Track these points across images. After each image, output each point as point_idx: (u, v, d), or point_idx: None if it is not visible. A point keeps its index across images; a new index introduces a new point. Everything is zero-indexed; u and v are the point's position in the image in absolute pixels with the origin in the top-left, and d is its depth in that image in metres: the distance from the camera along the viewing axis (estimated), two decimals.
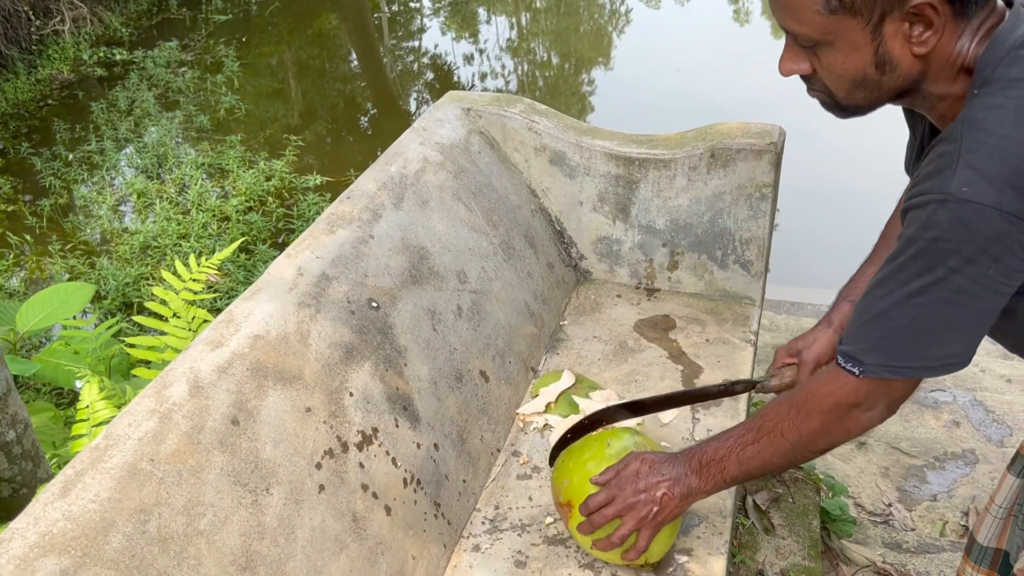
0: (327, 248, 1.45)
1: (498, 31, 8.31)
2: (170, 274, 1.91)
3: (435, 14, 8.91)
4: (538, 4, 9.04)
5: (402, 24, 8.68)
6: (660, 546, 1.28)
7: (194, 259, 1.98)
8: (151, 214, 4.33)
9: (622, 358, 1.79)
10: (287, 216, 4.31)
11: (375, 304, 1.43)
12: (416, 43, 8.14)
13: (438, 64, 7.51)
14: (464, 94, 2.04)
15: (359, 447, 1.27)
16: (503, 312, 1.72)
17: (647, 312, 1.92)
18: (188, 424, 1.10)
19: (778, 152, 1.78)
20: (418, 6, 9.20)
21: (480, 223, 1.78)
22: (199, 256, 3.39)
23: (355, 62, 7.68)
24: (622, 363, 1.77)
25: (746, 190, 1.80)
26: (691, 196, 1.86)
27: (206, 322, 1.84)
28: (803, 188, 4.48)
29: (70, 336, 2.17)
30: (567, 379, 1.69)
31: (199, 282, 1.90)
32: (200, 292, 1.91)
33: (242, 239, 3.44)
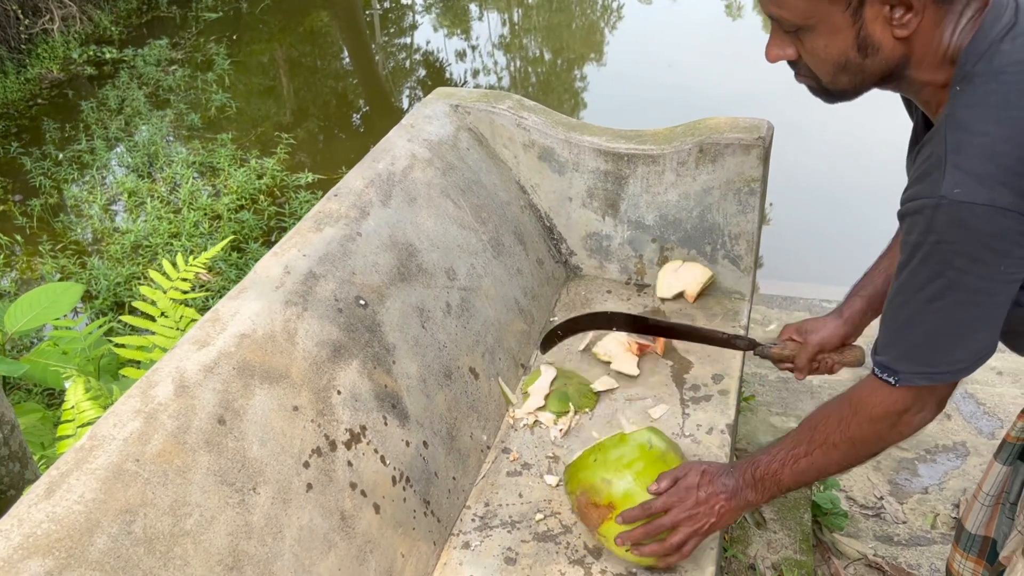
0: (314, 246, 1.44)
1: (490, 27, 8.29)
2: (158, 273, 1.90)
3: (427, 11, 8.88)
4: (530, 0, 9.02)
5: (394, 21, 8.65)
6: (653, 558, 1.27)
7: (181, 258, 1.97)
8: (142, 213, 4.32)
9: None
10: (279, 214, 4.30)
11: (363, 302, 1.43)
12: (408, 40, 8.12)
13: (430, 61, 7.50)
14: (452, 90, 2.03)
15: (347, 445, 1.27)
16: (492, 309, 1.72)
17: (637, 307, 1.92)
18: (174, 424, 1.10)
19: (766, 147, 1.77)
20: (410, 3, 9.17)
21: (469, 220, 1.78)
22: (190, 254, 3.38)
23: (347, 59, 7.66)
24: None
25: (735, 185, 1.80)
26: (680, 191, 1.86)
27: (194, 321, 1.83)
28: (796, 182, 4.48)
29: (59, 336, 2.16)
30: (548, 373, 1.69)
31: (187, 281, 1.89)
32: (188, 291, 1.90)
33: (230, 238, 3.43)
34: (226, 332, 1.24)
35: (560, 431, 1.60)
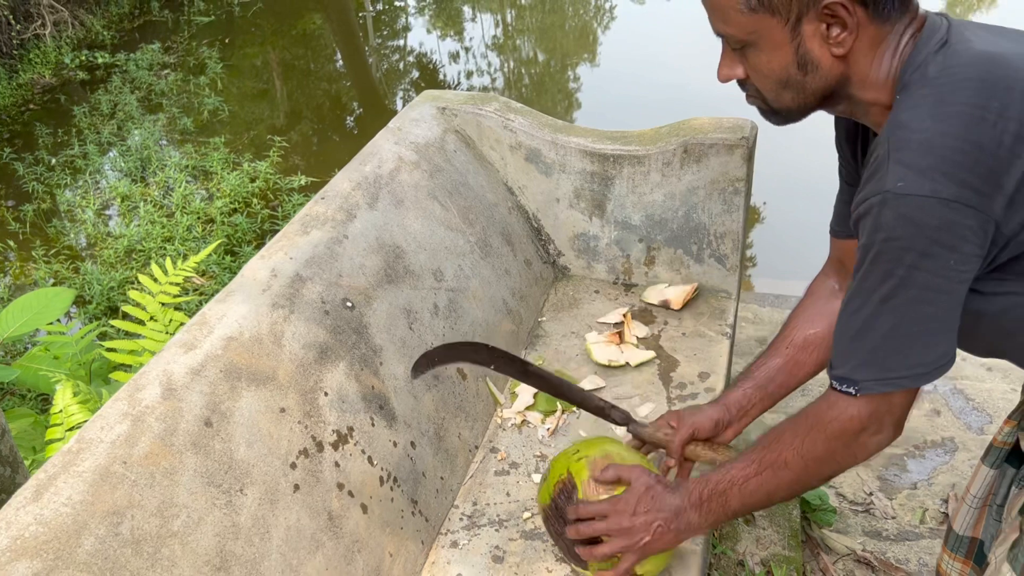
0: (301, 249, 1.45)
1: (483, 29, 8.31)
2: (147, 278, 1.91)
3: (420, 13, 8.89)
4: (523, 1, 9.04)
5: (387, 23, 8.66)
6: (652, 565, 1.24)
7: (170, 262, 1.98)
8: (135, 218, 4.33)
9: None
10: (272, 217, 4.31)
11: (350, 304, 1.44)
12: (401, 42, 8.13)
13: (423, 63, 7.51)
14: (439, 93, 2.05)
15: (334, 446, 1.28)
16: (480, 309, 1.73)
17: (625, 307, 1.93)
18: (161, 426, 1.11)
19: (750, 146, 1.79)
20: (403, 5, 9.18)
21: (456, 221, 1.79)
22: (182, 258, 3.39)
23: (340, 62, 7.66)
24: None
25: (719, 184, 1.82)
26: (665, 191, 1.87)
27: (183, 325, 1.84)
28: (790, 181, 4.50)
29: (51, 341, 2.17)
30: None
31: (176, 285, 1.90)
32: (178, 295, 1.91)
33: (219, 241, 3.44)
34: (213, 335, 1.25)
35: (548, 430, 1.61)
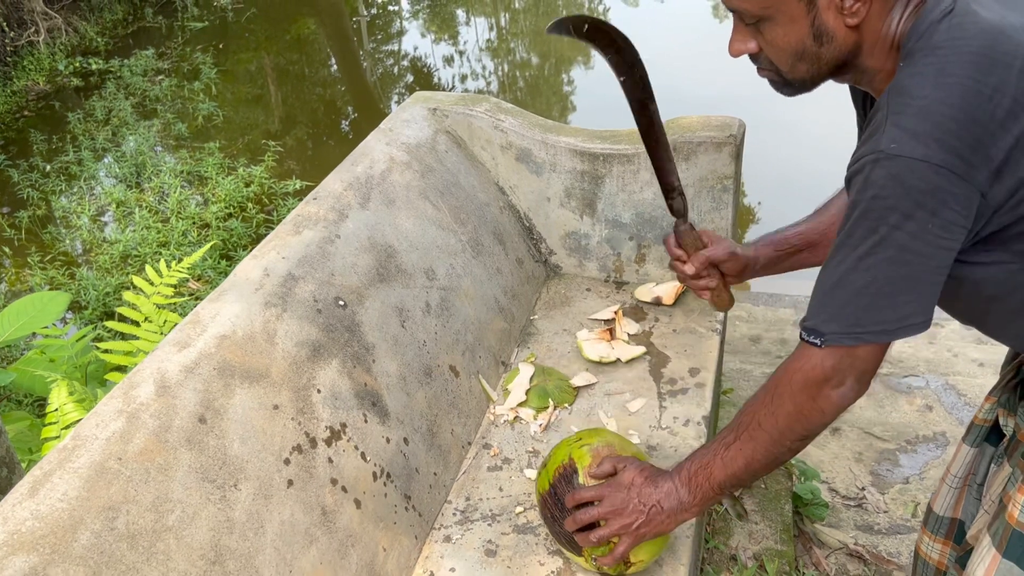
0: (293, 248, 1.47)
1: (477, 32, 8.33)
2: (141, 279, 1.93)
3: (414, 16, 8.92)
4: (517, 4, 9.06)
5: (381, 27, 8.69)
6: (646, 554, 1.25)
7: (164, 264, 2.00)
8: (131, 223, 4.34)
9: None
10: (267, 222, 4.32)
11: (342, 302, 1.46)
12: (395, 46, 8.15)
13: (418, 67, 7.53)
14: (430, 94, 2.07)
15: (327, 443, 1.30)
16: (472, 308, 1.75)
17: (615, 305, 1.95)
18: (155, 423, 1.12)
19: (738, 144, 1.81)
20: (397, 9, 9.20)
21: (448, 221, 1.81)
22: (176, 262, 3.40)
23: (334, 66, 7.68)
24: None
25: (708, 182, 1.84)
26: (655, 189, 1.89)
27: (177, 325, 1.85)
28: (781, 182, 4.53)
29: (47, 345, 2.18)
30: (526, 371, 1.72)
31: (171, 287, 1.92)
32: (172, 296, 1.93)
33: (212, 243, 3.45)
34: (206, 333, 1.26)
35: (540, 426, 1.63)
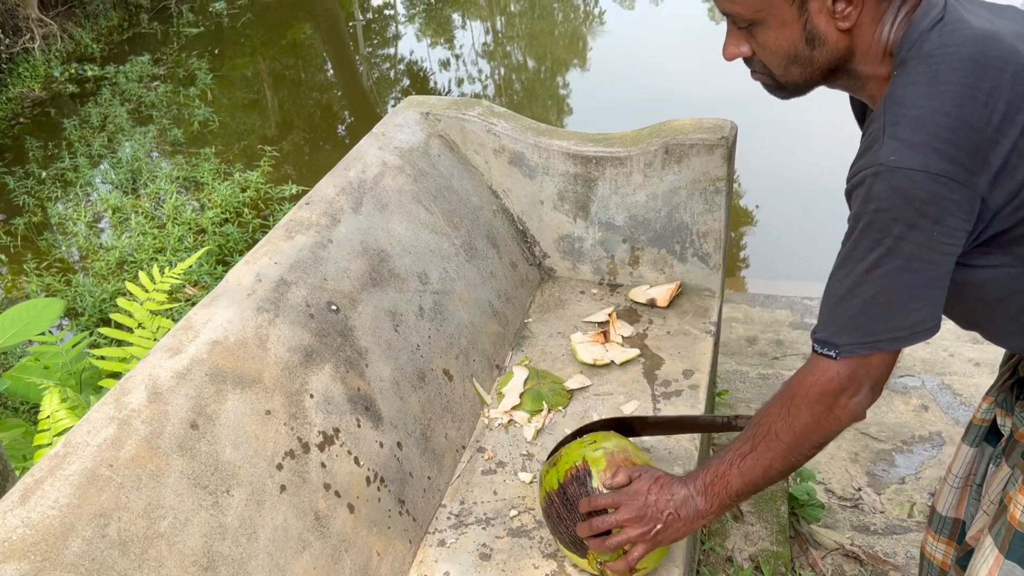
0: (285, 254, 1.47)
1: (473, 36, 8.34)
2: (135, 285, 1.93)
3: (410, 20, 8.93)
4: (512, 8, 9.08)
5: (377, 32, 8.70)
6: (650, 560, 1.25)
7: (157, 270, 2.00)
8: (127, 229, 4.34)
9: None
10: (264, 227, 4.32)
11: (334, 307, 1.46)
12: (391, 50, 8.16)
13: (414, 71, 7.54)
14: (423, 99, 2.07)
15: (320, 447, 1.30)
16: (466, 311, 1.75)
17: (609, 307, 1.95)
18: (147, 429, 1.12)
19: (730, 146, 1.81)
20: (393, 13, 9.22)
21: (441, 225, 1.81)
22: (170, 267, 3.40)
23: (331, 71, 7.69)
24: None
25: (700, 184, 1.84)
26: (648, 192, 1.90)
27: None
28: (778, 185, 4.53)
29: (41, 352, 2.18)
30: (520, 374, 1.72)
31: (164, 293, 1.92)
32: (166, 303, 1.93)
33: (206, 248, 3.45)
34: (198, 339, 1.26)
35: (534, 430, 1.63)
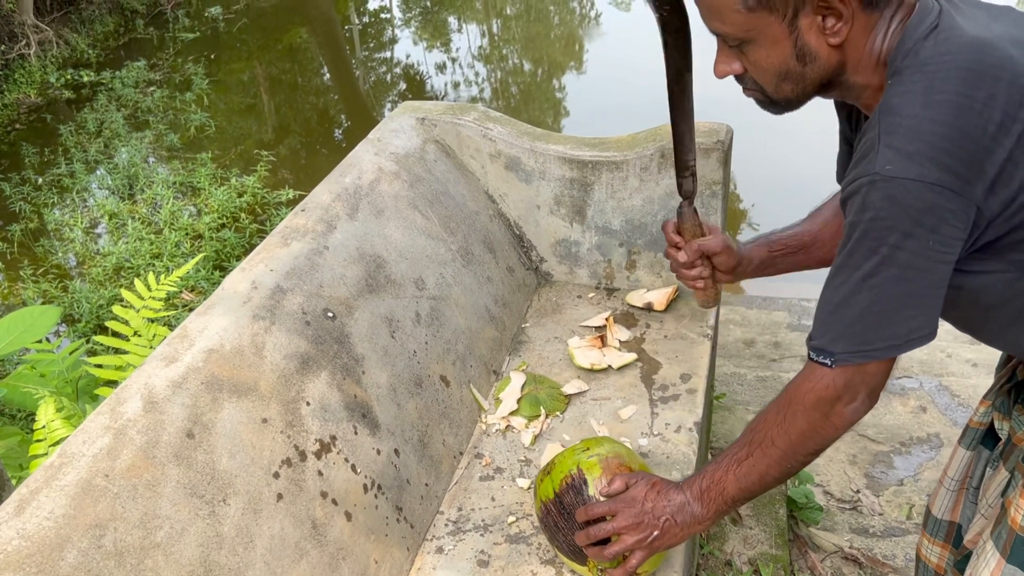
0: (281, 261, 1.47)
1: (469, 40, 8.34)
2: (130, 293, 1.92)
3: (406, 24, 8.93)
4: (508, 11, 9.08)
5: (373, 36, 8.70)
6: (649, 565, 1.26)
7: (153, 277, 2.00)
8: (124, 235, 4.33)
9: None
10: (260, 231, 4.32)
11: (331, 314, 1.46)
12: (388, 54, 8.17)
13: (410, 75, 7.54)
14: (418, 104, 2.07)
15: (317, 455, 1.29)
16: (463, 317, 1.74)
17: (607, 311, 1.95)
18: (143, 439, 1.12)
19: (725, 150, 1.81)
20: (389, 17, 9.22)
21: (437, 230, 1.81)
22: (167, 273, 3.40)
23: (327, 75, 7.69)
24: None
25: (697, 188, 1.84)
26: (644, 196, 1.89)
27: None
28: (773, 186, 4.54)
29: (37, 359, 2.17)
30: (517, 379, 1.72)
31: (160, 300, 1.92)
32: (161, 310, 1.93)
33: (203, 255, 3.45)
34: (194, 348, 1.26)
35: (532, 435, 1.62)
